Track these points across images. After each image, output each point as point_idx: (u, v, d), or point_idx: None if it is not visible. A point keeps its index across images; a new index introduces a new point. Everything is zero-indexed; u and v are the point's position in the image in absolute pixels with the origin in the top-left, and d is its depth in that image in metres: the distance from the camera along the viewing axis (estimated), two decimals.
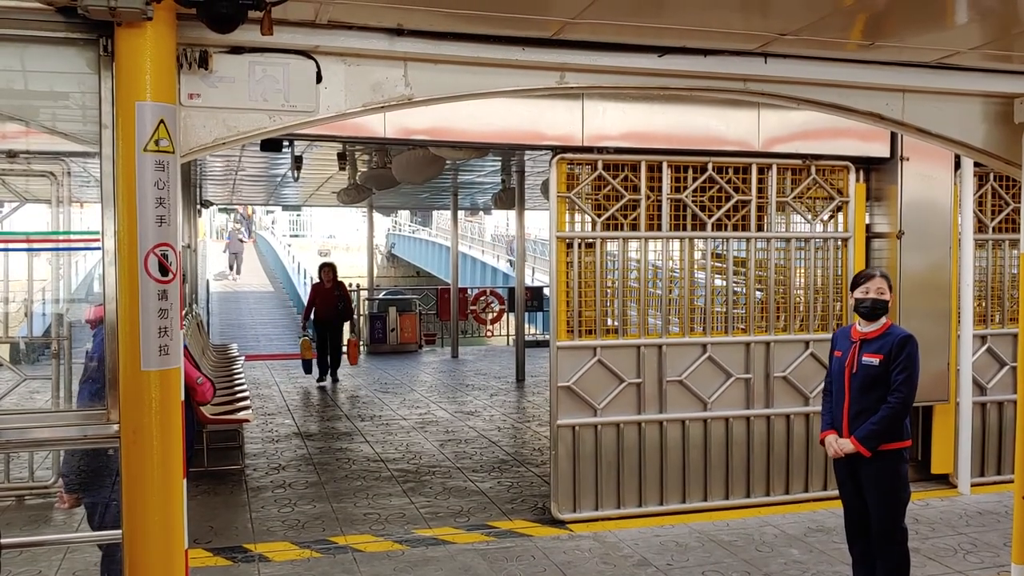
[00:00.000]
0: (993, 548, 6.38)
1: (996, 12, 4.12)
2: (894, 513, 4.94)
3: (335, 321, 14.45)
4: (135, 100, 3.48)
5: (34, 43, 3.68)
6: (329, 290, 14.29)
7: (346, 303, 14.63)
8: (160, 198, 3.51)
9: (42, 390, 8.11)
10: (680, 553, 6.32)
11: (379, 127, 6.41)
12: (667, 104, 6.93)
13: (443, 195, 18.38)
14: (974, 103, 5.18)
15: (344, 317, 14.64)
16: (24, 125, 4.02)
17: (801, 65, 4.67)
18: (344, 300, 14.49)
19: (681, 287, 7.35)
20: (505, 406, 12.21)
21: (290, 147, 10.24)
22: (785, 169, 7.47)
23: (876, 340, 4.95)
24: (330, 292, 14.27)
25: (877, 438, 4.87)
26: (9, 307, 7.88)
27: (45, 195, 6.82)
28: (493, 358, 17.57)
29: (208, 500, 7.63)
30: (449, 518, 7.15)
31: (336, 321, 14.47)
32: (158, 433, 3.54)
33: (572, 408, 6.99)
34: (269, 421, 11.10)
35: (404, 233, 43.96)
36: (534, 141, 7.01)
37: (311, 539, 6.62)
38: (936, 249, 7.68)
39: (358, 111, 4.11)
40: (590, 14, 3.90)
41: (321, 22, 3.91)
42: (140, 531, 3.58)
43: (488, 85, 4.30)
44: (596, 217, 7.07)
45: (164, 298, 3.52)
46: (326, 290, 14.32)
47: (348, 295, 14.83)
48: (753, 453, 7.41)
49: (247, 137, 3.94)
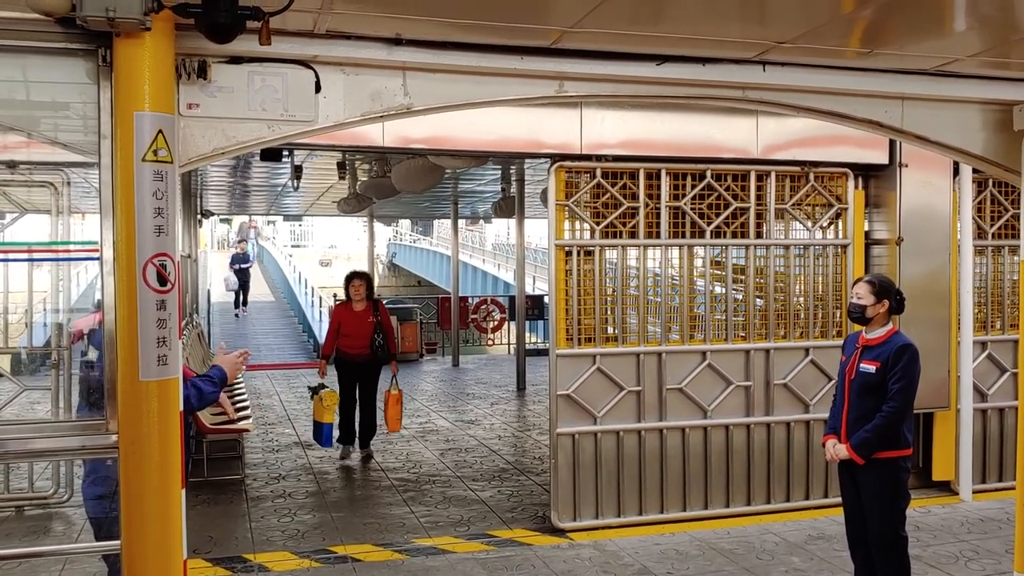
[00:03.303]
0: (995, 555, 6.36)
1: (994, 19, 4.13)
2: (891, 521, 4.93)
3: (370, 363, 9.61)
4: (134, 110, 3.49)
5: (34, 54, 3.70)
6: (361, 315, 9.53)
7: (387, 334, 9.59)
8: (159, 208, 3.51)
9: (43, 400, 8.10)
10: (680, 561, 6.30)
11: (377, 136, 6.42)
12: (665, 112, 6.94)
13: (443, 204, 18.40)
14: (973, 110, 5.19)
15: (384, 357, 9.62)
16: (25, 136, 4.03)
17: (800, 73, 4.67)
18: (383, 330, 9.56)
19: (680, 294, 7.34)
20: (506, 415, 12.20)
21: (290, 156, 10.25)
22: (784, 176, 7.47)
23: (877, 347, 4.95)
24: (362, 318, 9.51)
25: (870, 446, 4.87)
26: (9, 318, 7.88)
27: (45, 206, 6.82)
28: (494, 367, 17.55)
29: (208, 510, 7.61)
30: (449, 527, 7.14)
31: (372, 362, 9.62)
32: (157, 443, 3.54)
33: (572, 416, 6.98)
34: (269, 431, 11.09)
35: (405, 242, 44.00)
36: (533, 149, 7.02)
37: (311, 549, 6.61)
38: (935, 256, 7.68)
39: (357, 120, 4.12)
40: (588, 23, 3.91)
41: (320, 32, 3.92)
42: (139, 541, 3.57)
43: (487, 94, 4.30)
44: (595, 225, 7.07)
45: (163, 308, 3.52)
46: (356, 315, 9.53)
47: (389, 321, 9.78)
48: (753, 461, 7.39)
49: (246, 147, 3.94)
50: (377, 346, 9.45)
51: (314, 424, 9.11)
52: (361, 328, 9.44)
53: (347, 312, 9.60)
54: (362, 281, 9.60)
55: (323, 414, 8.92)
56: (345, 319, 9.55)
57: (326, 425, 8.93)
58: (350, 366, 9.58)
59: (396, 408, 9.38)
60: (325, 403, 8.90)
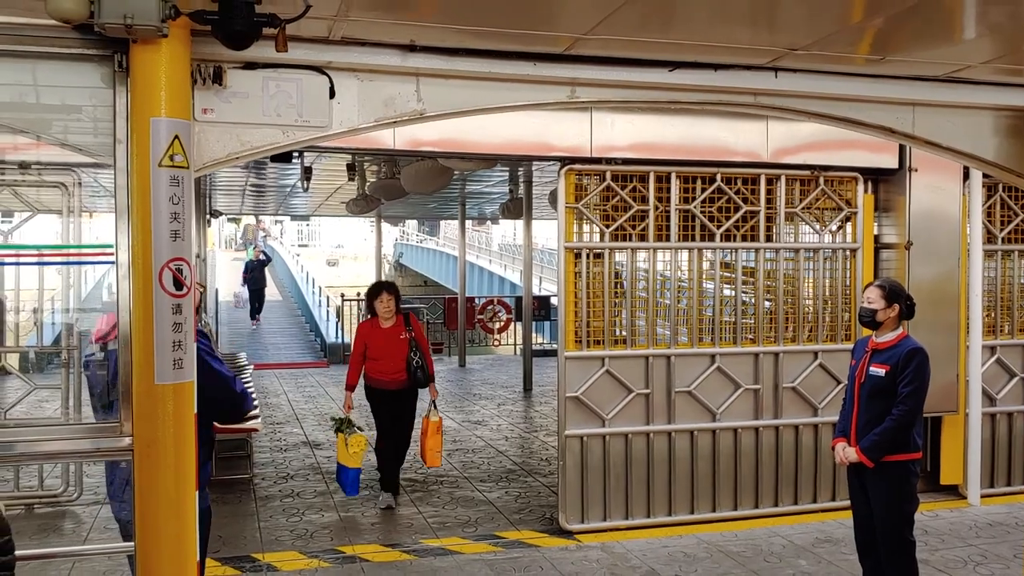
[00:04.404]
0: (1003, 560, 6.36)
1: (1005, 27, 4.13)
2: (899, 525, 4.94)
3: (406, 391, 7.91)
4: (150, 116, 3.52)
5: (48, 59, 3.72)
6: (392, 332, 7.81)
7: (424, 356, 7.87)
8: (175, 213, 3.54)
9: (50, 399, 8.14)
10: (688, 564, 6.31)
11: (389, 139, 6.44)
12: (675, 116, 6.95)
13: (451, 205, 18.41)
14: (985, 116, 5.18)
15: (423, 380, 7.84)
16: (35, 138, 4.06)
17: (811, 79, 4.68)
18: (420, 351, 7.84)
19: (690, 297, 7.35)
20: (513, 416, 12.22)
21: (300, 158, 10.28)
22: (793, 180, 7.48)
23: (886, 351, 4.97)
24: (393, 335, 7.80)
25: (879, 449, 4.88)
26: (20, 316, 7.92)
27: (56, 205, 6.87)
28: (500, 367, 17.57)
29: (216, 509, 7.56)
30: (457, 528, 7.16)
31: (408, 391, 7.93)
32: (172, 446, 3.56)
33: (580, 418, 7.00)
34: (277, 430, 11.13)
35: (412, 243, 44.02)
36: (543, 152, 7.04)
37: (319, 549, 6.64)
38: (945, 260, 7.68)
39: (371, 126, 4.14)
40: (601, 30, 3.93)
41: (335, 38, 3.94)
42: (153, 543, 3.60)
43: (500, 100, 4.32)
44: (604, 227, 7.08)
45: (178, 312, 3.55)
46: (386, 333, 7.82)
47: (425, 340, 8.15)
48: (762, 464, 7.41)
49: (260, 152, 3.97)
50: (415, 368, 7.75)
51: (337, 467, 7.58)
52: (394, 348, 7.74)
53: (374, 330, 7.84)
54: (392, 295, 7.85)
55: (348, 458, 7.39)
56: (373, 339, 7.80)
57: (351, 470, 7.38)
58: (384, 396, 7.85)
59: (436, 439, 7.78)
60: (351, 448, 7.33)
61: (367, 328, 7.95)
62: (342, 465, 7.40)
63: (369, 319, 8.05)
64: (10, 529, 2.78)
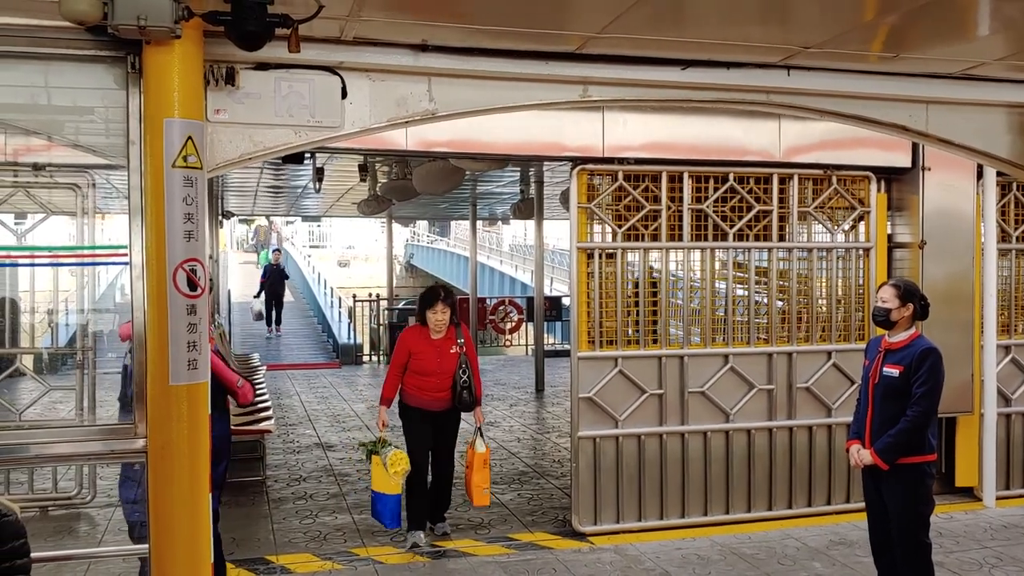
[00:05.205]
0: (1019, 562, 6.32)
1: (1019, 23, 4.11)
2: (914, 527, 4.91)
3: (448, 413, 6.85)
4: (163, 117, 3.53)
5: (61, 60, 3.74)
6: (442, 344, 6.73)
7: (473, 374, 6.82)
8: (188, 214, 3.55)
9: (64, 400, 8.16)
10: (702, 566, 6.29)
11: (401, 139, 6.42)
12: (688, 115, 6.92)
13: (462, 205, 18.41)
14: (999, 113, 5.16)
15: (469, 402, 6.77)
16: (47, 139, 4.07)
17: (824, 77, 4.67)
18: (470, 368, 6.78)
19: (703, 297, 7.33)
20: (525, 416, 12.20)
21: (311, 159, 10.30)
22: (806, 179, 7.45)
23: (900, 351, 4.93)
24: (443, 348, 6.72)
25: (895, 451, 4.84)
26: (34, 317, 7.94)
27: (69, 207, 6.88)
28: (512, 368, 17.56)
29: (229, 511, 7.64)
30: (470, 530, 7.15)
31: (451, 413, 6.88)
32: (186, 447, 3.57)
33: (593, 419, 6.98)
34: (290, 432, 11.14)
35: (423, 243, 44.05)
36: (555, 152, 7.02)
37: (333, 551, 6.64)
38: (959, 259, 7.63)
39: (383, 126, 4.15)
40: (613, 29, 3.92)
41: (347, 39, 3.95)
42: (167, 545, 3.61)
43: (512, 99, 4.32)
44: (617, 228, 7.06)
45: (193, 312, 3.56)
46: (435, 345, 6.72)
47: (475, 354, 7.05)
48: (775, 465, 7.37)
49: (273, 152, 3.98)
50: (461, 387, 6.68)
51: (373, 497, 6.49)
52: (443, 363, 6.67)
53: (422, 340, 6.71)
54: (447, 306, 6.68)
55: (387, 483, 6.30)
56: (420, 350, 6.68)
57: (390, 497, 6.34)
58: (426, 417, 6.74)
59: (483, 473, 6.71)
60: (391, 468, 6.26)
61: (414, 336, 6.79)
62: (379, 493, 6.39)
63: (416, 325, 6.94)
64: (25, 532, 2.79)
